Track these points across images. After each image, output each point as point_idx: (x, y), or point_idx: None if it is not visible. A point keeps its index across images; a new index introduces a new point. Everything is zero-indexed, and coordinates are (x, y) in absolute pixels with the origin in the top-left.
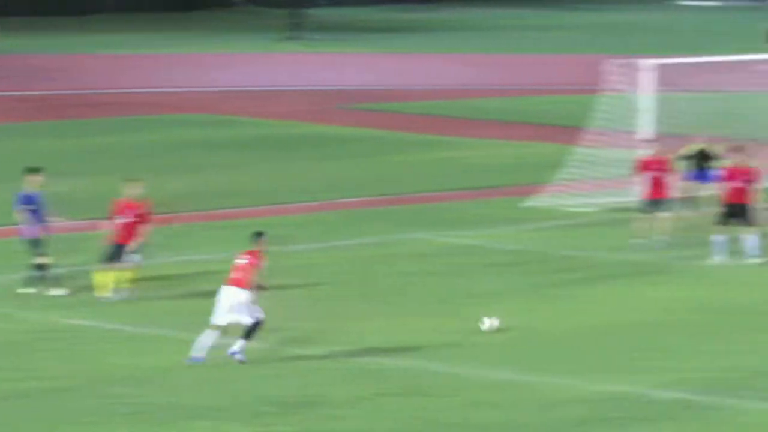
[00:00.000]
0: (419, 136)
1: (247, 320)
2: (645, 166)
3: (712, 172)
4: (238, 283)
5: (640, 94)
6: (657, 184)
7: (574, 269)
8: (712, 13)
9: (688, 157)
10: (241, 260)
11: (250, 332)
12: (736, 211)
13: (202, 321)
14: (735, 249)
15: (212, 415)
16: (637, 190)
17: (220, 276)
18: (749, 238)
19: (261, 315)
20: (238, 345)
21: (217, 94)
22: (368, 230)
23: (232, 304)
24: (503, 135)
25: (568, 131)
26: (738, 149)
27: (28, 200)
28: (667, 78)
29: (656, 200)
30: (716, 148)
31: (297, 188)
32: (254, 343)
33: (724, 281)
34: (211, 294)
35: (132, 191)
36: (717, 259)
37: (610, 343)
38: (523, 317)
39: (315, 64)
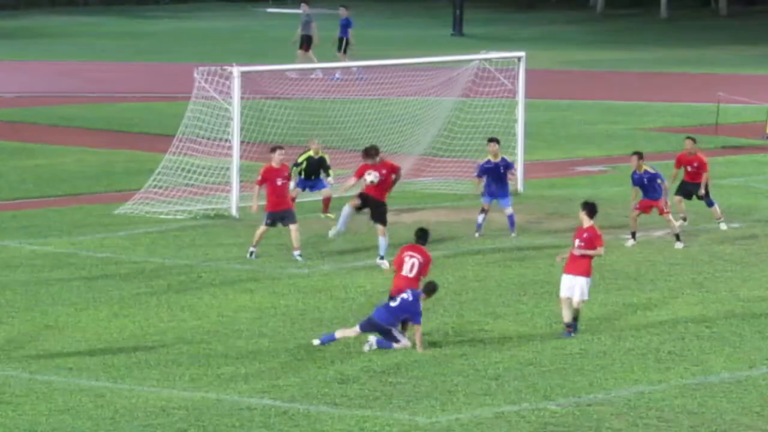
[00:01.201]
0: (4, 143)
1: None
2: (269, 174)
3: (323, 180)
4: None
5: (228, 101)
6: (280, 194)
7: (166, 276)
8: (292, 20)
9: (298, 165)
10: None
11: None
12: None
13: None
14: None
15: None
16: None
17: None
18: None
19: None
20: None
21: None
22: None
23: None
24: (88, 142)
25: (153, 138)
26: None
27: None
28: (255, 85)
29: (281, 211)
30: (326, 156)
31: None
32: None
33: (328, 288)
34: None
35: None
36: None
37: (201, 350)
38: (116, 324)
39: None
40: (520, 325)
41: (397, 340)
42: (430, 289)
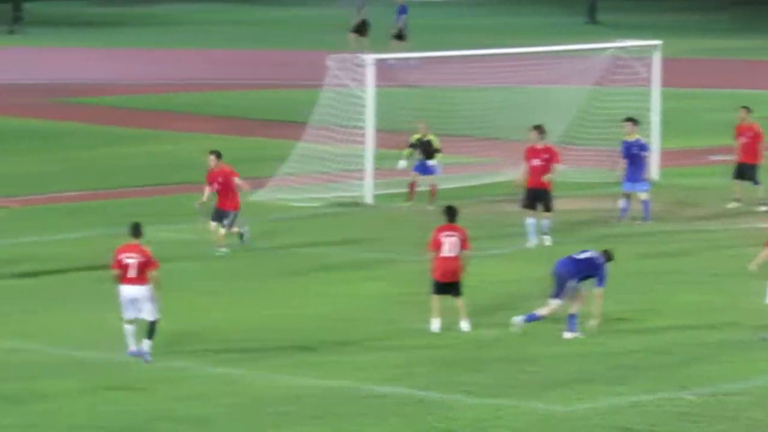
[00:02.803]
0: (132, 130)
1: (150, 317)
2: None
3: (433, 164)
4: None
5: (362, 89)
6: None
7: (297, 263)
8: (420, 9)
9: (414, 146)
10: (130, 258)
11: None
12: (538, 196)
13: None
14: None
15: None
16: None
17: None
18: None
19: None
20: (147, 345)
21: None
22: (85, 224)
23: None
24: (214, 129)
25: (278, 125)
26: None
27: None
28: (386, 73)
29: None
30: (435, 139)
31: (11, 182)
32: None
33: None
34: None
35: None
36: (531, 242)
37: (334, 338)
38: (247, 312)
39: (31, 58)
40: (655, 314)
41: (556, 296)
42: (610, 256)
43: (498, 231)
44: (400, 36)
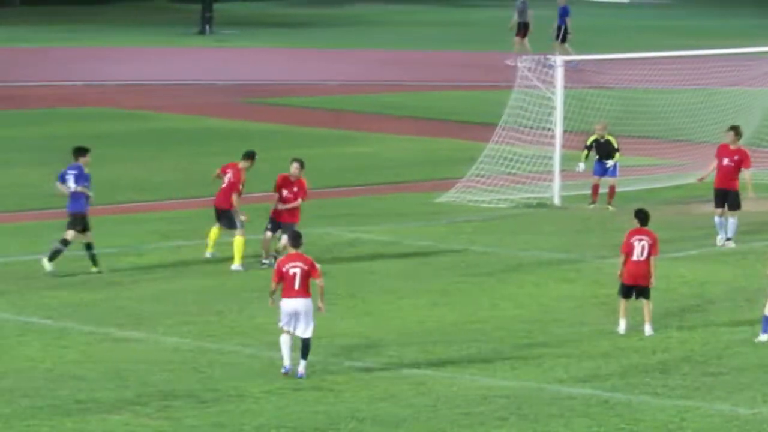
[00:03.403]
0: (324, 131)
1: (304, 335)
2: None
3: (610, 164)
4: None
5: (552, 90)
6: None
7: (486, 265)
8: (613, 10)
9: (589, 148)
10: (295, 268)
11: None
12: (725, 195)
13: (110, 314)
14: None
15: (125, 408)
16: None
17: (130, 270)
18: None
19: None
20: (303, 366)
21: (122, 88)
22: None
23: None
24: (409, 130)
25: (472, 127)
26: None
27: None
28: (577, 74)
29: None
30: (613, 140)
31: (202, 182)
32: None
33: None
34: (119, 286)
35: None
36: (720, 239)
37: (522, 339)
38: (436, 313)
39: (221, 59)
40: None
41: None
42: None
43: (684, 233)
44: (565, 38)
